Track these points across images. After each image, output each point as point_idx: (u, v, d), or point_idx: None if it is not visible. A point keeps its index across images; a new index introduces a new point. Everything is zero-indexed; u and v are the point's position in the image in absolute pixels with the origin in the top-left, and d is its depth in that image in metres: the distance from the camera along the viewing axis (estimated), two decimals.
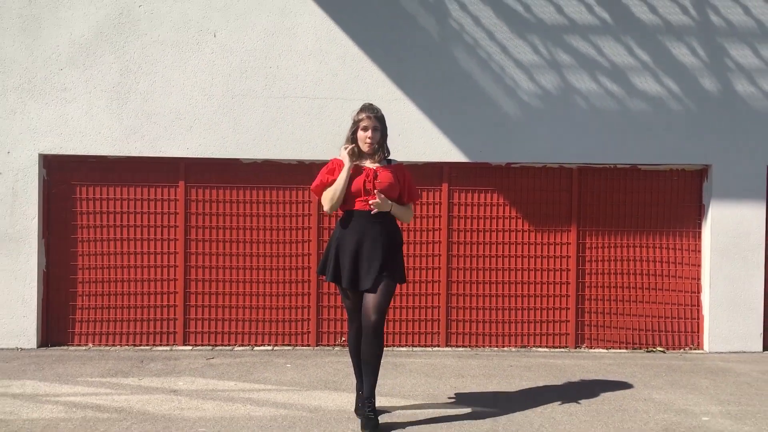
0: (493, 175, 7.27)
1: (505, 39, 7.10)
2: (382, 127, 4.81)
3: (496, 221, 7.26)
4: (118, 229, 7.10)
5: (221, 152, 7.01)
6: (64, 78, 6.92)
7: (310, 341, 7.19)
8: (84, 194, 7.08)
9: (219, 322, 7.15)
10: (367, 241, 4.66)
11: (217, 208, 7.16)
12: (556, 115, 7.13)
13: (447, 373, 6.20)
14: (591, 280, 7.29)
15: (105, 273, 7.09)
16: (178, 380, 5.86)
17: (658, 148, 7.17)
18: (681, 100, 7.15)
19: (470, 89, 7.09)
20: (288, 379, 5.97)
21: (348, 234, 4.71)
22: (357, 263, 4.67)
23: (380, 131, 4.78)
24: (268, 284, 7.17)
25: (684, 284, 7.32)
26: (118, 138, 6.95)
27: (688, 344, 7.32)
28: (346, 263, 4.67)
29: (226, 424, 4.72)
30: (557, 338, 7.28)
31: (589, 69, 7.13)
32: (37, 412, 4.96)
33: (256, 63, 7.02)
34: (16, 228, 6.88)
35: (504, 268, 7.26)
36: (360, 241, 4.67)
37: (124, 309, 7.09)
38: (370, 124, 4.74)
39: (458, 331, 7.25)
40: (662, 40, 7.15)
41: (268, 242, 7.17)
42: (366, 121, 4.75)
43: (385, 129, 4.86)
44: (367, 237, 4.67)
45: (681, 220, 7.33)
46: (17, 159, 6.88)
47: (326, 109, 7.03)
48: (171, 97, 6.97)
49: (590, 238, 7.30)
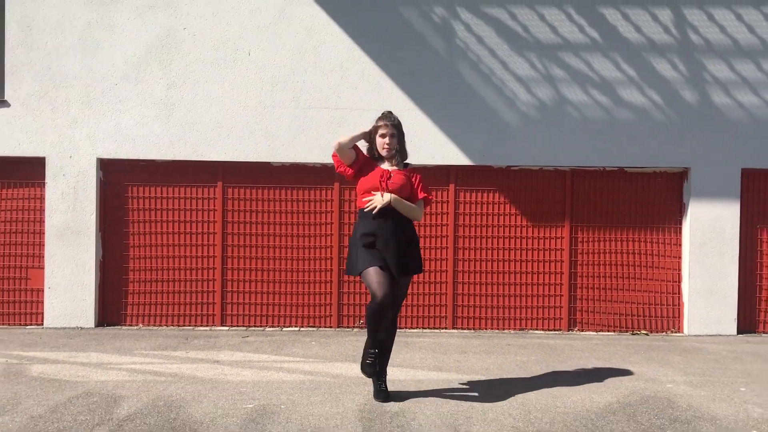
0: (495, 177, 8.18)
1: (506, 56, 7.99)
2: (399, 133, 5.16)
3: (498, 218, 8.17)
4: (164, 224, 8.09)
5: (254, 156, 7.98)
6: (119, 92, 7.92)
7: (332, 323, 8.14)
8: (135, 193, 8.08)
9: (252, 306, 8.12)
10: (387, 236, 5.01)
11: (251, 206, 8.12)
12: (551, 124, 8.01)
13: (451, 350, 7.11)
14: (582, 270, 8.17)
15: (153, 262, 8.09)
16: (219, 353, 6.84)
17: (642, 152, 8.03)
18: (663, 110, 8.01)
19: (474, 100, 7.99)
20: (313, 353, 6.92)
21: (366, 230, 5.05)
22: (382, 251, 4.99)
23: (397, 137, 5.14)
24: (295, 272, 8.13)
25: (666, 274, 8.18)
26: (165, 144, 7.94)
27: (669, 328, 8.18)
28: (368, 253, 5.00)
29: (263, 386, 5.67)
30: (552, 322, 8.18)
31: (580, 82, 8.01)
32: (105, 376, 5.94)
33: (285, 78, 7.97)
34: (77, 222, 7.89)
35: (504, 260, 8.16)
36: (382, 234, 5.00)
37: (170, 294, 8.09)
38: (387, 132, 5.11)
39: (463, 315, 8.16)
40: (646, 56, 8.01)
41: (295, 235, 8.13)
42: (384, 129, 5.12)
43: (402, 135, 5.22)
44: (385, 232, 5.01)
45: (663, 217, 8.20)
46: (78, 162, 7.89)
47: (347, 119, 7.97)
48: (211, 108, 7.94)
49: (582, 233, 8.18)
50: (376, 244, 5.01)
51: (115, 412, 4.94)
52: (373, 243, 5.02)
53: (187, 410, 5.01)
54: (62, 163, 7.88)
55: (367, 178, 5.14)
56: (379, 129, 5.16)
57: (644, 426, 4.81)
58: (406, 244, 5.10)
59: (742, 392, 5.69)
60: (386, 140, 5.13)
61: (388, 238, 5.02)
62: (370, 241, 5.02)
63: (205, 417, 4.86)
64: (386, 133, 5.13)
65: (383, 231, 5.03)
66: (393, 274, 4.98)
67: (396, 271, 4.99)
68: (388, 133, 5.13)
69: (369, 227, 5.05)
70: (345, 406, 5.16)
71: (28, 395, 5.33)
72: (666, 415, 5.04)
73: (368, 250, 5.02)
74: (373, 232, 5.03)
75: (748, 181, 8.13)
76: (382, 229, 5.03)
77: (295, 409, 5.05)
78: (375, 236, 5.02)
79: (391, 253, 5.00)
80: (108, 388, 5.55)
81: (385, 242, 5.02)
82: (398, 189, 5.10)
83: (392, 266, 4.99)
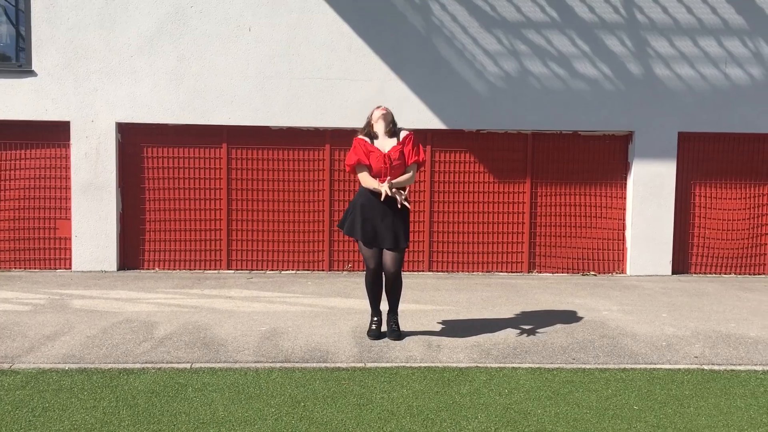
0: (466, 139, 9.36)
1: (476, 32, 9.10)
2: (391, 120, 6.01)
3: (468, 175, 9.37)
4: (176, 180, 9.20)
5: (255, 121, 9.07)
6: (134, 63, 8.94)
7: (324, 267, 9.35)
8: (150, 153, 9.16)
9: (255, 252, 9.31)
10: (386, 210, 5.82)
11: (252, 164, 9.25)
12: (515, 93, 9.18)
13: (428, 288, 8.37)
14: (541, 221, 9.44)
15: (166, 214, 9.22)
16: (230, 291, 8.04)
17: (594, 118, 9.24)
18: (612, 81, 9.19)
19: (449, 72, 9.11)
20: (310, 291, 8.14)
21: (369, 203, 5.85)
22: (375, 226, 5.84)
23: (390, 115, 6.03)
24: (292, 223, 9.30)
25: (612, 223, 9.48)
26: (176, 110, 8.99)
27: (614, 270, 9.50)
28: (368, 226, 5.85)
29: (271, 315, 6.88)
30: (514, 265, 9.46)
31: (540, 56, 9.15)
32: (137, 307, 7.12)
33: (281, 51, 9.02)
34: (99, 179, 8.97)
35: (474, 211, 9.39)
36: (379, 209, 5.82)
37: (182, 242, 9.24)
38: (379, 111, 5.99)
39: (438, 259, 9.41)
40: (598, 33, 9.16)
41: (291, 190, 9.28)
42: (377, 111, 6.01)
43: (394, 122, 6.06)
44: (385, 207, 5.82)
45: (611, 174, 9.46)
46: (99, 126, 8.94)
47: (336, 88, 9.06)
48: (216, 78, 9.00)
49: (540, 188, 9.42)
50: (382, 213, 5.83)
51: (154, 333, 6.14)
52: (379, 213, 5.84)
53: (213, 331, 6.22)
54: (85, 127, 8.92)
55: (375, 163, 5.86)
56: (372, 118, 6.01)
57: (578, 340, 6.11)
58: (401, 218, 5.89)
59: (663, 318, 7.01)
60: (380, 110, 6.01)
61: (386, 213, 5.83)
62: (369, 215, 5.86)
63: (228, 336, 6.08)
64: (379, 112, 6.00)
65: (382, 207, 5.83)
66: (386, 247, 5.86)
67: (390, 245, 5.86)
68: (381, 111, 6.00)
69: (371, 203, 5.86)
70: (340, 328, 6.40)
71: (79, 321, 6.50)
72: (597, 333, 6.34)
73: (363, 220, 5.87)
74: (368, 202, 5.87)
75: (683, 143, 9.38)
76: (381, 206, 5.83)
77: (300, 331, 6.28)
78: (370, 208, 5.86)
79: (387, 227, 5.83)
80: (142, 316, 6.74)
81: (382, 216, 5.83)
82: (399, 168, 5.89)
83: (387, 241, 5.85)
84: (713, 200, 9.50)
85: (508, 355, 5.66)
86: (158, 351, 5.62)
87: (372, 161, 5.88)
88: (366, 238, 5.91)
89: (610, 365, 5.48)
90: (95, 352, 5.59)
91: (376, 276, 6.04)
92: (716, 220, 9.51)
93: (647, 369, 5.40)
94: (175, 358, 5.44)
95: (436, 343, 5.97)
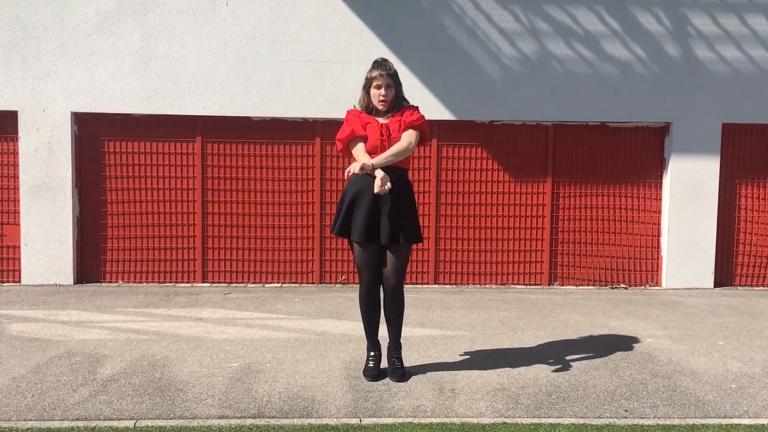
0: (478, 132, 8.12)
1: (490, 8, 7.86)
2: (396, 83, 4.70)
3: (480, 173, 8.14)
4: (143, 179, 7.96)
5: (234, 111, 7.83)
6: (92, 43, 7.68)
7: (314, 279, 8.12)
8: (112, 148, 7.91)
9: (234, 262, 8.07)
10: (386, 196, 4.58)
11: (231, 161, 8.01)
12: (535, 78, 7.94)
13: (435, 306, 7.15)
14: (563, 225, 8.21)
15: (132, 218, 7.98)
16: (201, 311, 6.80)
17: (625, 107, 8.01)
18: (646, 64, 7.96)
19: (458, 54, 7.88)
20: (297, 310, 6.91)
21: (362, 189, 4.63)
22: (372, 217, 4.59)
23: (394, 88, 4.69)
24: (276, 228, 8.07)
25: (646, 228, 8.25)
26: (142, 98, 7.75)
27: (648, 282, 8.28)
28: (360, 216, 4.59)
29: (247, 344, 5.65)
30: (533, 277, 8.24)
31: (564, 36, 7.92)
32: (86, 335, 5.89)
33: (263, 29, 7.78)
34: (52, 178, 7.72)
35: (487, 215, 8.17)
36: (374, 196, 4.58)
37: (150, 250, 8.00)
38: (383, 82, 4.64)
39: (445, 270, 8.19)
40: (631, 9, 7.92)
41: (276, 191, 8.05)
42: (378, 80, 4.65)
43: (399, 85, 4.75)
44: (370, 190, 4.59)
45: (644, 172, 8.23)
46: (52, 116, 7.69)
47: (327, 72, 7.82)
48: (188, 60, 7.75)
49: (563, 188, 8.19)
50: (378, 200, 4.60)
51: (98, 372, 4.91)
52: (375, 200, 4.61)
53: (172, 369, 4.99)
54: (35, 117, 7.67)
55: (370, 136, 4.68)
56: (373, 81, 4.68)
57: (626, 381, 4.88)
58: (396, 206, 4.63)
59: (720, 346, 5.80)
60: (381, 92, 4.67)
61: (386, 199, 4.60)
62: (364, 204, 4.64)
63: (190, 377, 4.84)
64: (381, 84, 4.66)
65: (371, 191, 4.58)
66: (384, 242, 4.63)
67: (387, 239, 4.60)
68: (384, 83, 4.65)
69: (357, 185, 4.67)
70: (331, 363, 5.18)
71: (8, 355, 5.27)
72: (647, 370, 5.12)
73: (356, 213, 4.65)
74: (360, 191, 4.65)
75: (728, 136, 8.15)
76: (370, 189, 4.58)
77: (280, 368, 5.05)
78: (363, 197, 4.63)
79: (388, 217, 4.60)
80: (90, 347, 5.51)
81: (381, 204, 4.61)
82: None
83: (382, 234, 4.62)
84: (762, 202, 8.27)
85: (542, 404, 4.44)
86: (97, 401, 4.38)
87: (369, 132, 4.69)
88: (359, 232, 4.62)
89: (674, 419, 4.26)
90: (16, 402, 4.35)
91: (372, 292, 4.80)
92: (765, 224, 8.28)
93: (722, 425, 4.18)
94: (117, 412, 4.21)
95: (449, 385, 4.74)
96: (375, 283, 4.77)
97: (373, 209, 4.62)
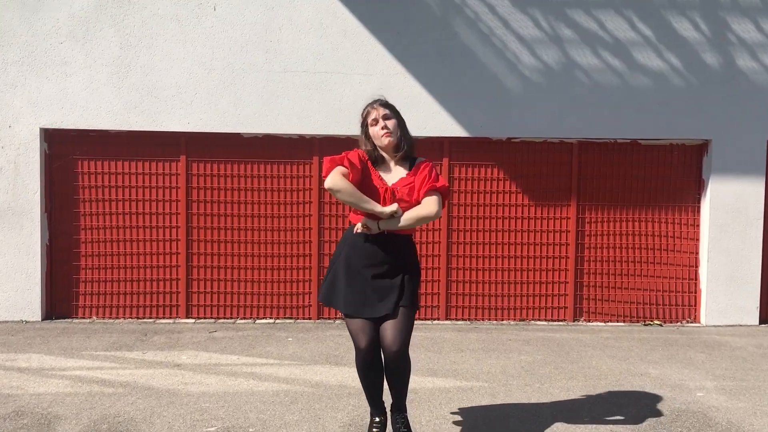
0: (494, 150, 7.29)
1: (507, 13, 7.06)
2: (395, 114, 3.93)
3: (496, 196, 7.30)
4: (121, 203, 7.14)
5: (222, 127, 7.02)
6: (65, 52, 6.90)
7: (311, 314, 7.27)
8: (86, 168, 7.10)
9: (221, 296, 7.23)
10: (384, 257, 3.84)
11: (219, 183, 7.19)
12: (557, 90, 7.12)
13: (446, 347, 6.29)
14: (590, 254, 7.35)
15: (108, 246, 7.15)
16: (181, 354, 5.95)
17: (658, 122, 7.17)
18: (682, 75, 7.14)
19: (471, 64, 7.07)
20: (290, 353, 6.05)
21: (357, 250, 3.87)
22: (365, 286, 3.84)
23: (394, 118, 3.91)
24: (269, 258, 7.23)
25: (682, 258, 7.38)
26: (119, 112, 6.95)
27: (685, 318, 7.40)
28: (354, 286, 3.85)
29: (229, 399, 4.80)
30: (556, 311, 7.37)
31: (590, 44, 7.11)
32: (44, 386, 5.04)
33: (256, 37, 6.99)
34: (19, 202, 6.91)
35: (503, 243, 7.31)
36: (373, 258, 3.84)
37: (128, 282, 7.17)
38: (379, 114, 3.89)
39: (458, 304, 7.33)
40: (665, 15, 7.11)
41: (269, 216, 7.22)
42: (373, 112, 3.91)
43: (400, 116, 3.96)
44: (379, 257, 3.83)
45: (680, 195, 7.37)
46: (19, 133, 6.89)
47: (327, 84, 7.02)
48: (172, 71, 6.95)
49: (590, 213, 7.34)
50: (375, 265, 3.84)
51: None
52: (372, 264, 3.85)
53: None
54: (0, 134, 6.87)
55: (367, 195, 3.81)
56: (368, 117, 3.93)
57: None
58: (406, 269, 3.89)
59: None
60: (381, 124, 3.87)
61: (384, 261, 3.84)
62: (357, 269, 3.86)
63: None
64: (378, 117, 3.88)
65: (373, 257, 3.84)
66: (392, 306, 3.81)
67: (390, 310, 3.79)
68: (380, 114, 3.88)
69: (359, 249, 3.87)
70: (326, 427, 4.33)
71: None
72: None
73: (351, 282, 3.86)
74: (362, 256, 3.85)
75: None
76: (372, 256, 3.84)
77: None
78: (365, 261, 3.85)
79: (383, 285, 3.83)
80: (44, 404, 4.67)
81: (377, 268, 3.84)
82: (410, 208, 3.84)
83: (385, 305, 3.81)
84: None
85: None
86: None
87: (364, 189, 3.79)
88: (350, 305, 3.81)
89: None
90: None
91: (370, 359, 3.86)
92: None
93: None
94: None
95: None
96: (374, 348, 3.85)
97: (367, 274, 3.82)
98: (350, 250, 3.87)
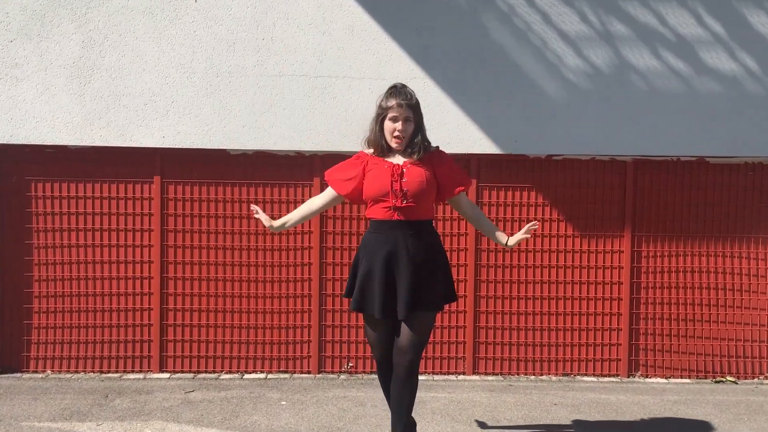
0: (531, 170, 6.07)
1: (547, 6, 5.87)
2: (417, 116, 3.83)
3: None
4: (82, 233, 5.94)
5: (204, 142, 5.83)
6: (15, 52, 5.74)
7: (310, 367, 6.04)
8: (40, 191, 5.92)
9: (202, 345, 6.00)
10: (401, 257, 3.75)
11: (200, 209, 5.99)
12: (608, 98, 5.90)
13: (477, 414, 5.04)
14: (648, 295, 6.09)
15: (66, 286, 5.94)
16: (145, 427, 4.72)
17: (731, 136, 5.94)
18: (760, 80, 5.92)
19: (504, 66, 5.87)
20: (282, 424, 4.81)
21: (375, 249, 3.81)
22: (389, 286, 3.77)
23: (414, 122, 3.81)
24: (261, 299, 6.01)
25: (761, 301, 6.11)
26: (80, 124, 5.77)
27: (762, 373, 6.12)
28: (376, 287, 3.77)
29: None
30: (606, 364, 6.10)
31: (648, 42, 5.89)
32: None
33: (246, 34, 5.82)
34: None
35: (544, 281, 6.07)
36: (390, 258, 3.76)
37: (90, 329, 5.95)
38: (401, 114, 3.76)
39: (488, 355, 6.08)
40: (738, 7, 5.90)
41: (261, 249, 6.01)
42: (396, 110, 3.76)
43: (421, 119, 3.88)
44: (400, 252, 3.75)
45: (758, 224, 6.11)
46: None
47: (330, 90, 5.84)
48: (143, 74, 5.78)
49: (647, 246, 6.09)
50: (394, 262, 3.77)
51: None
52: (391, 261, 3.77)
53: None
54: None
55: (375, 181, 3.80)
56: (388, 111, 3.78)
57: None
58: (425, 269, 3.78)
59: None
60: (398, 126, 3.77)
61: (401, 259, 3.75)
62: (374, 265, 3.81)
63: None
64: (399, 116, 3.76)
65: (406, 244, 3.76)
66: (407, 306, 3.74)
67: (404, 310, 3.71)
68: (402, 116, 3.76)
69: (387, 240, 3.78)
70: None
71: None
72: None
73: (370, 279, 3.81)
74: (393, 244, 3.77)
75: None
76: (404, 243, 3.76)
77: None
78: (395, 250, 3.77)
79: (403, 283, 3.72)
80: None
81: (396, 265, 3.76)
82: (417, 191, 3.76)
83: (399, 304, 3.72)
84: None
85: None
86: None
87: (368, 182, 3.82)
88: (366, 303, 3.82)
89: None
90: None
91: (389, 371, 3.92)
92: None
93: None
94: None
95: None
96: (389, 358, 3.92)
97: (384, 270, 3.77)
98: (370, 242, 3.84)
